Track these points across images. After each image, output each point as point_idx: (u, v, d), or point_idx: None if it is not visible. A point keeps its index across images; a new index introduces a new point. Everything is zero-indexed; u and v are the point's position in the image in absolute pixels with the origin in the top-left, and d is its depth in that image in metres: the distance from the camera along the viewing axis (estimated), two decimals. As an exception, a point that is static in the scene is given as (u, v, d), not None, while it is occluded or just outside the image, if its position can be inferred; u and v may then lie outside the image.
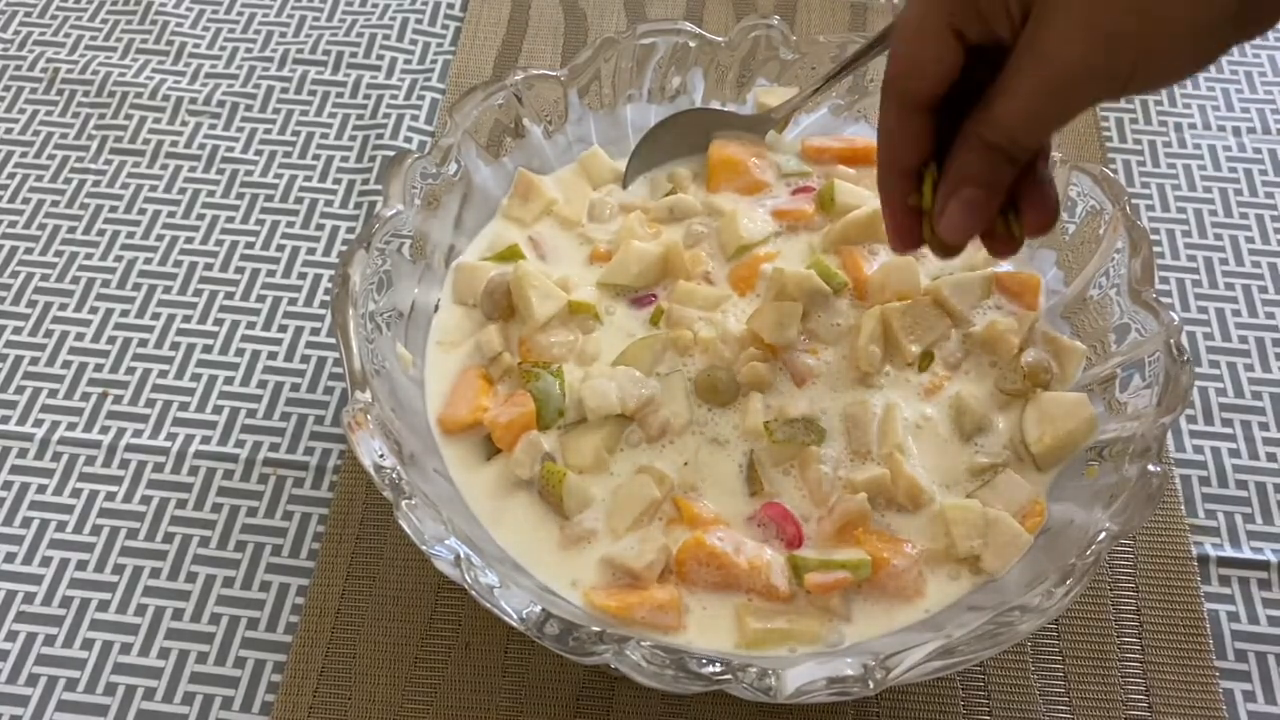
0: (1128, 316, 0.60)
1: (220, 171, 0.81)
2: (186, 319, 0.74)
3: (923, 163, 0.48)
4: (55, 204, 0.80)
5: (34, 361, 0.72)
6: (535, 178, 0.70)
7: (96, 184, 0.81)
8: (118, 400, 0.71)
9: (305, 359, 0.72)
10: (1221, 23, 0.40)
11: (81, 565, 0.64)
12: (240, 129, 0.84)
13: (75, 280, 0.76)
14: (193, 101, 0.85)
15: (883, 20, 0.88)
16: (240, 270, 0.76)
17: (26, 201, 0.80)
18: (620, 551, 0.56)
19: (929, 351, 0.63)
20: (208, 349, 0.73)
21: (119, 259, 0.77)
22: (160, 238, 0.78)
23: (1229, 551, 0.64)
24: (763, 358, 0.62)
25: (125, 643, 0.62)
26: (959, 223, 0.47)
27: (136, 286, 0.76)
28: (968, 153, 0.46)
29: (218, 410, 0.70)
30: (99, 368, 0.72)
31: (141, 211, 0.79)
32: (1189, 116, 0.84)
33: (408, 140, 0.83)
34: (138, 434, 0.69)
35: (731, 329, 0.63)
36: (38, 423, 0.70)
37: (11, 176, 0.81)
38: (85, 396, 0.71)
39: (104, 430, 0.69)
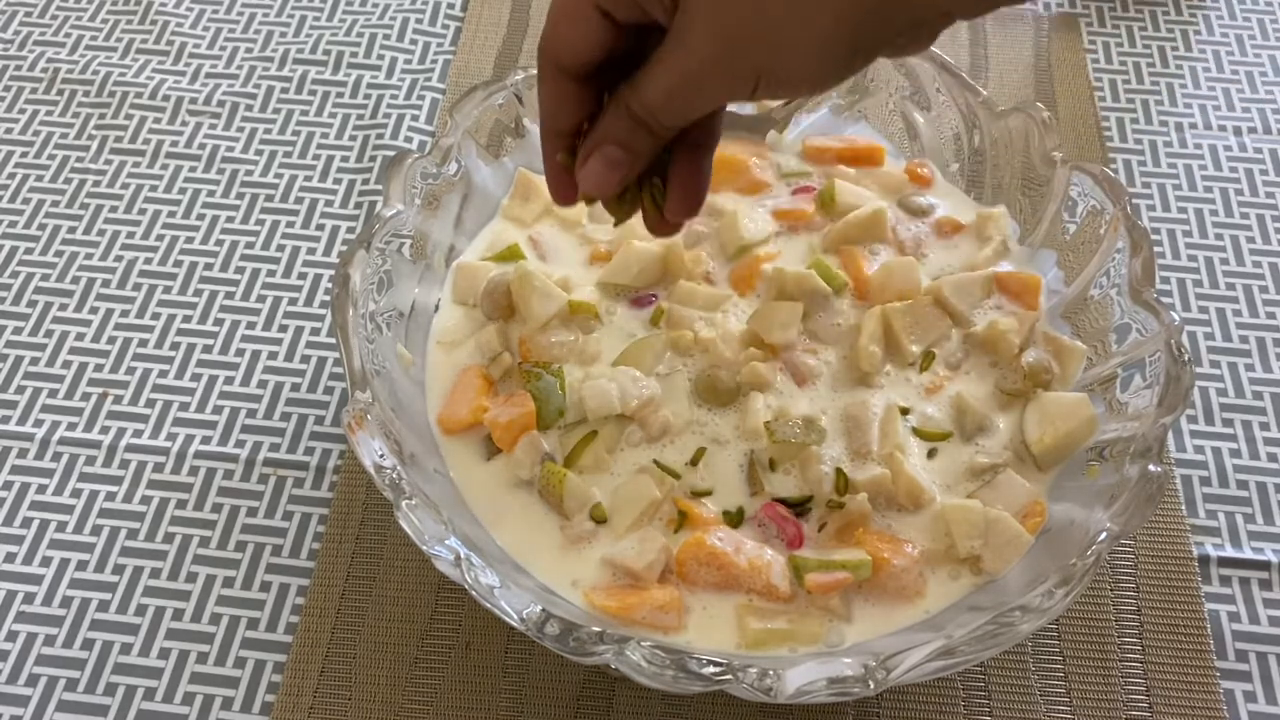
0: (1128, 316, 0.60)
1: (220, 171, 0.81)
2: (186, 319, 0.74)
3: (578, 125, 0.49)
4: (55, 204, 0.80)
5: (34, 361, 0.72)
6: (536, 178, 0.70)
7: (97, 184, 0.81)
8: (118, 400, 0.71)
9: (305, 359, 0.72)
10: (834, 46, 0.42)
11: (82, 565, 0.64)
12: (240, 129, 0.84)
13: (75, 280, 0.76)
14: (193, 101, 0.85)
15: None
16: (240, 270, 0.76)
17: (27, 201, 0.80)
18: (620, 551, 0.56)
19: (930, 351, 0.63)
20: (208, 349, 0.73)
21: (119, 259, 0.77)
22: (160, 238, 0.78)
23: (1230, 551, 0.64)
24: (763, 358, 0.62)
25: (125, 643, 0.62)
26: (595, 176, 0.49)
27: (137, 286, 0.76)
28: (615, 116, 0.47)
29: (218, 410, 0.70)
30: (99, 368, 0.72)
31: (142, 211, 0.79)
32: (1190, 116, 0.84)
33: (408, 140, 0.83)
34: (138, 434, 0.69)
35: (732, 329, 0.63)
36: (38, 423, 0.70)
37: (12, 176, 0.81)
38: (85, 396, 0.71)
39: (104, 430, 0.69)
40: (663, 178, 0.51)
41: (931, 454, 0.60)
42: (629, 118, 0.47)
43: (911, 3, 0.41)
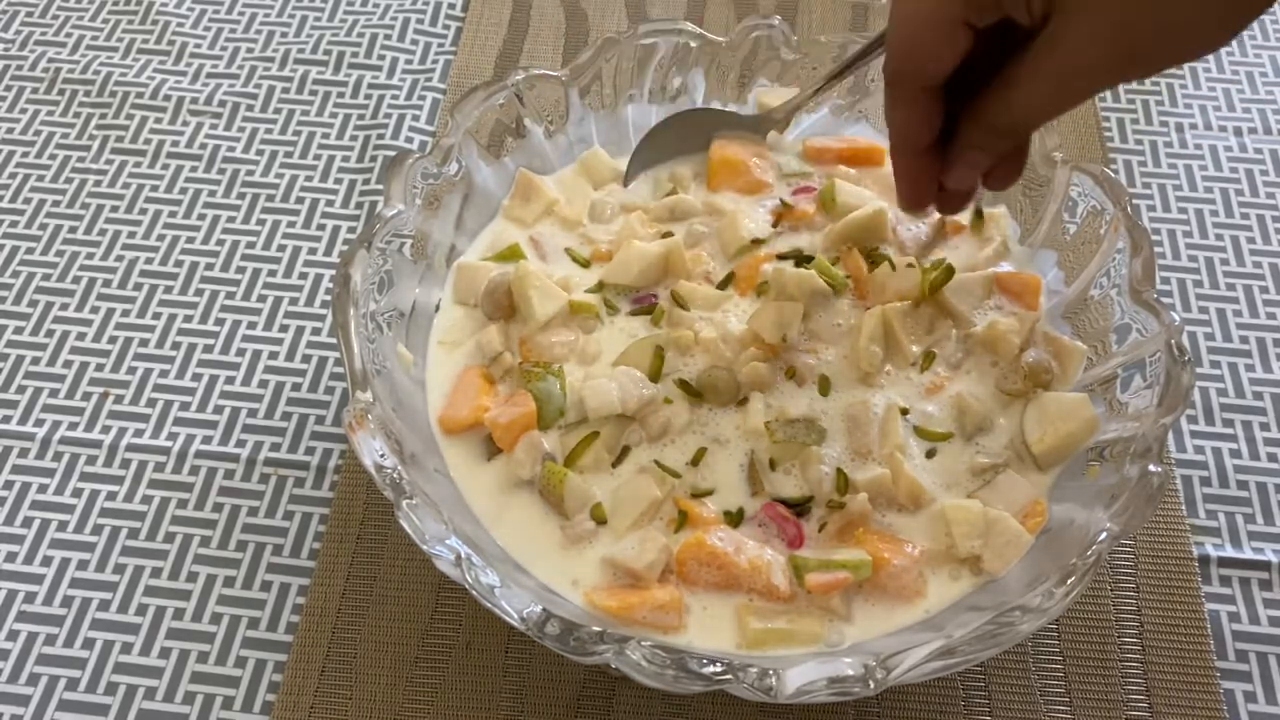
0: (1129, 317, 0.60)
1: (221, 171, 0.82)
2: (187, 319, 0.74)
3: (937, 138, 0.51)
4: (56, 204, 0.80)
5: (35, 361, 0.72)
6: (536, 178, 0.70)
7: (98, 184, 0.81)
8: (119, 400, 0.71)
9: (306, 359, 0.72)
10: (1218, 20, 0.43)
11: (82, 565, 0.64)
12: (241, 129, 0.84)
13: (76, 280, 0.76)
14: (194, 101, 0.85)
15: (884, 20, 0.88)
16: (241, 270, 0.77)
17: (28, 201, 0.80)
18: (621, 551, 0.56)
19: (930, 351, 0.63)
20: (208, 349, 0.73)
21: (120, 259, 0.77)
22: (161, 238, 0.78)
23: (1230, 552, 0.64)
24: (763, 358, 0.62)
25: (126, 642, 0.62)
26: (961, 179, 0.53)
27: (137, 286, 0.76)
28: (976, 129, 0.50)
29: (218, 410, 0.70)
30: (100, 367, 0.72)
31: (143, 211, 0.79)
32: (1190, 117, 0.84)
33: (409, 140, 0.83)
34: (139, 434, 0.69)
35: (732, 329, 0.63)
36: (39, 422, 0.70)
37: (13, 177, 0.82)
38: (86, 396, 0.71)
39: (105, 430, 0.69)
40: None
41: (931, 454, 0.60)
42: (990, 128, 0.49)
43: None
